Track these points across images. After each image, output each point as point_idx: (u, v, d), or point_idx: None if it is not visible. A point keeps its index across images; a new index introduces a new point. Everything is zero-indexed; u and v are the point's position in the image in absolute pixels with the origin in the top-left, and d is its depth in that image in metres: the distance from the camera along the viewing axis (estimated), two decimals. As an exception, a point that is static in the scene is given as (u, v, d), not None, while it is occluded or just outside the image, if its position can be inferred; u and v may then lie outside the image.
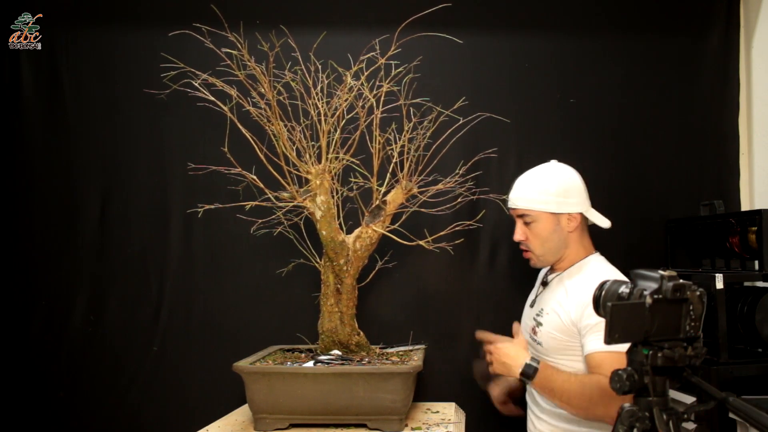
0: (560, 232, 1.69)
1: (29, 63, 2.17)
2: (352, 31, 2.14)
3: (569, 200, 1.68)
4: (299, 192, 1.79)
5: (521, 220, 1.72)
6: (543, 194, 1.67)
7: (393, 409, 1.61)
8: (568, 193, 1.68)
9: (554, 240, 1.69)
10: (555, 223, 1.68)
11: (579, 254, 1.72)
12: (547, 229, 1.69)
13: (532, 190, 1.70)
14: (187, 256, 2.18)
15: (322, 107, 1.79)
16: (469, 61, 2.19)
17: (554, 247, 1.70)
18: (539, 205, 1.68)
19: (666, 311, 0.95)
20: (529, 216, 1.69)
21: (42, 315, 2.16)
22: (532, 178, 1.73)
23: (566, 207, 1.67)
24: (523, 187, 1.73)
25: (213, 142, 2.02)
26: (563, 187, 1.68)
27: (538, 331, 1.68)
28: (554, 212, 1.67)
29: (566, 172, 1.72)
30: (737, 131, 2.26)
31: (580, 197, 1.70)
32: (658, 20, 2.26)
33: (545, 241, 1.69)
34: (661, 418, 0.96)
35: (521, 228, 1.72)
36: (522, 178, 1.76)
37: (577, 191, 1.70)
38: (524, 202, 1.70)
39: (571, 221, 1.69)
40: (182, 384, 2.15)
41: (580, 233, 1.72)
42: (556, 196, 1.67)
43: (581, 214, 1.70)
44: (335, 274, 1.82)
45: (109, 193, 2.18)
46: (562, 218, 1.68)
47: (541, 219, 1.68)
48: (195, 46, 1.82)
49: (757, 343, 1.84)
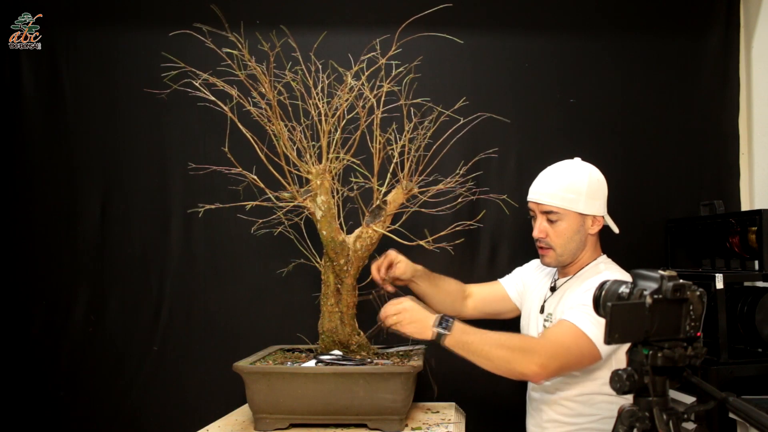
0: (582, 234, 1.63)
1: (29, 63, 2.17)
2: (353, 31, 2.14)
3: (597, 202, 1.62)
4: (300, 192, 1.79)
5: (544, 217, 1.64)
6: (573, 192, 1.60)
7: (393, 409, 1.61)
8: (597, 193, 1.62)
9: (576, 241, 1.63)
10: (580, 223, 1.62)
11: (591, 258, 1.68)
12: (572, 229, 1.62)
13: (560, 185, 1.62)
14: (187, 256, 2.18)
15: (323, 107, 1.79)
16: (470, 61, 2.20)
17: (574, 248, 1.64)
18: (568, 203, 1.60)
19: (666, 311, 0.95)
20: (556, 213, 1.62)
21: (42, 315, 2.16)
22: (560, 173, 1.65)
23: (593, 208, 1.62)
24: (550, 181, 1.64)
25: (213, 142, 2.03)
26: (593, 186, 1.62)
27: None
28: (582, 212, 1.61)
29: (594, 172, 1.66)
30: (737, 131, 2.26)
31: (604, 200, 1.65)
32: (658, 20, 2.26)
33: (568, 241, 1.63)
34: (661, 418, 0.96)
35: (543, 224, 1.65)
36: (548, 172, 1.68)
37: (602, 194, 1.65)
38: (552, 198, 1.62)
39: (595, 224, 1.64)
40: (182, 384, 2.16)
41: (596, 236, 1.68)
42: (586, 195, 1.60)
43: (603, 217, 1.65)
44: (335, 274, 1.82)
45: (109, 193, 2.18)
46: (588, 219, 1.63)
47: (567, 217, 1.61)
48: (195, 46, 1.82)
49: (757, 343, 1.84)
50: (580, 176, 1.63)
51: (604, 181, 1.68)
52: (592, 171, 1.66)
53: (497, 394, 2.10)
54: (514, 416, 1.93)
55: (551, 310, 1.68)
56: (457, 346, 1.48)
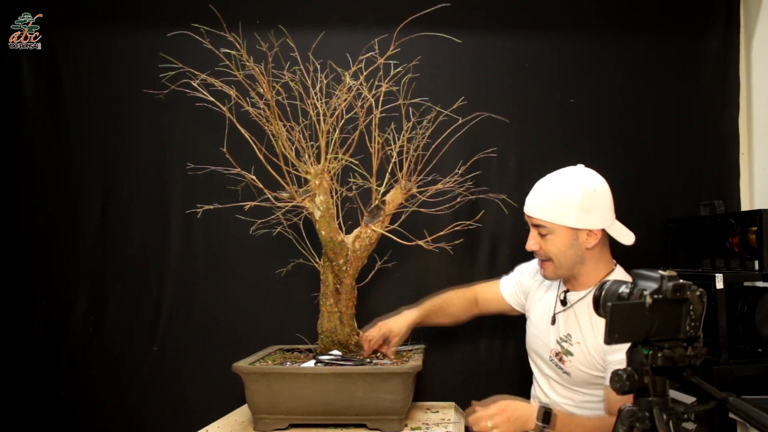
0: (577, 248, 1.55)
1: (29, 63, 2.17)
2: (351, 31, 2.14)
3: (592, 215, 1.53)
4: (298, 192, 1.79)
5: (536, 230, 1.59)
6: (562, 206, 1.53)
7: (393, 409, 1.61)
8: (592, 207, 1.53)
9: (570, 255, 1.56)
10: (572, 238, 1.55)
11: (599, 272, 1.60)
12: (564, 244, 1.55)
13: (551, 199, 1.55)
14: (187, 256, 2.18)
15: (321, 107, 1.79)
16: (469, 60, 2.19)
17: (569, 263, 1.57)
18: (556, 217, 1.53)
19: (666, 311, 0.95)
20: (545, 227, 1.56)
21: (42, 315, 2.16)
22: (553, 185, 1.57)
23: (587, 222, 1.53)
24: (541, 194, 1.58)
25: (212, 142, 2.02)
26: (587, 200, 1.52)
27: (566, 360, 1.59)
28: (573, 227, 1.53)
29: (592, 183, 1.55)
30: (737, 131, 2.26)
31: (604, 212, 1.55)
32: (658, 21, 2.26)
33: (559, 255, 1.56)
34: (661, 418, 0.96)
35: (535, 238, 1.60)
36: (542, 184, 1.61)
37: (601, 205, 1.55)
38: (540, 211, 1.56)
39: (591, 238, 1.54)
40: (182, 384, 2.15)
41: (600, 250, 1.59)
42: (577, 209, 1.52)
43: (603, 230, 1.56)
44: (334, 274, 1.82)
45: (109, 193, 2.18)
46: (581, 234, 1.54)
47: (557, 232, 1.55)
48: (194, 46, 1.82)
49: (757, 343, 1.84)
50: (572, 188, 1.54)
51: (603, 192, 1.57)
52: (588, 181, 1.56)
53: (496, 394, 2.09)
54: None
55: (567, 330, 1.61)
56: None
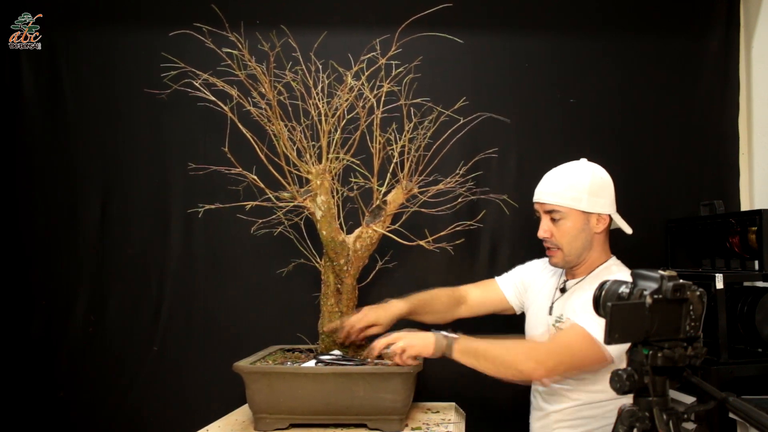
0: (588, 233, 1.63)
1: (29, 63, 2.17)
2: (353, 31, 2.14)
3: (600, 200, 1.63)
4: (300, 192, 1.79)
5: (548, 216, 1.66)
6: (575, 190, 1.61)
7: (393, 409, 1.61)
8: (600, 192, 1.63)
9: (581, 240, 1.63)
10: (584, 222, 1.63)
11: (600, 259, 1.68)
12: (576, 228, 1.62)
13: (563, 185, 1.63)
14: (187, 256, 2.18)
15: (323, 107, 1.79)
16: (470, 61, 2.20)
17: (580, 247, 1.64)
18: (570, 201, 1.61)
19: (666, 311, 0.95)
20: (558, 212, 1.63)
21: (42, 315, 2.16)
22: (563, 173, 1.67)
23: (597, 206, 1.62)
24: (553, 181, 1.66)
25: (213, 142, 2.02)
26: (596, 185, 1.63)
27: None
28: (585, 210, 1.62)
29: (598, 171, 1.67)
30: (737, 131, 2.26)
31: (610, 198, 1.66)
32: (658, 20, 2.26)
33: (573, 239, 1.63)
34: (661, 418, 0.96)
35: (547, 224, 1.66)
36: (552, 173, 1.69)
37: (608, 192, 1.65)
38: (554, 197, 1.63)
39: (600, 222, 1.64)
40: (182, 384, 2.15)
41: (604, 236, 1.67)
42: (588, 193, 1.61)
43: (609, 216, 1.65)
44: (335, 274, 1.82)
45: (109, 193, 2.18)
46: (592, 218, 1.63)
47: (570, 216, 1.62)
48: (195, 46, 1.82)
49: (757, 343, 1.84)
50: (583, 174, 1.64)
51: (608, 180, 1.67)
52: (595, 170, 1.67)
53: (497, 394, 2.09)
54: (514, 417, 1.93)
55: (561, 311, 1.67)
56: (465, 351, 1.52)
